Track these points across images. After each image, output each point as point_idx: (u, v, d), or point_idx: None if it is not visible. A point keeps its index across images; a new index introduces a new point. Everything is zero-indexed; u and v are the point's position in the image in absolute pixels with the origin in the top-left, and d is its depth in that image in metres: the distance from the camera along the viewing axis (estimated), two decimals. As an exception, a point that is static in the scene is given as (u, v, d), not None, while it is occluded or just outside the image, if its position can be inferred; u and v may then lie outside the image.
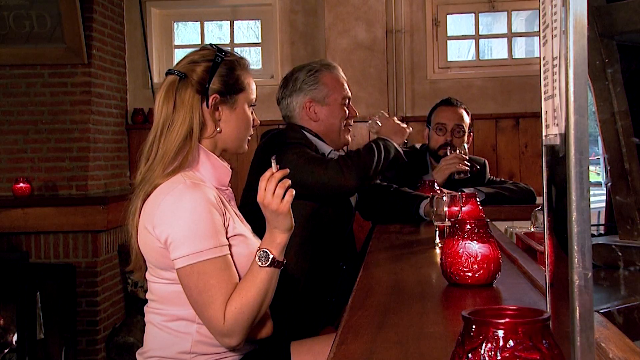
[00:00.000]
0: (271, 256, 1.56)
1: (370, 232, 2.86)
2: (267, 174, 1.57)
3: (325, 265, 2.39)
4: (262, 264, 1.56)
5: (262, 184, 1.56)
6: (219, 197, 1.62)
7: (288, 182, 1.56)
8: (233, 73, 1.72)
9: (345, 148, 2.56)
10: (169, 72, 1.71)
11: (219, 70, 1.69)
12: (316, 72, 2.44)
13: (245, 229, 1.71)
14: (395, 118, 2.63)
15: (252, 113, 1.79)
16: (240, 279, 1.60)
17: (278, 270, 1.59)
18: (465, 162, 2.99)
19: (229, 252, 1.58)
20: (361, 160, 2.29)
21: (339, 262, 2.45)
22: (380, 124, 2.55)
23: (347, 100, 2.49)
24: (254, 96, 1.79)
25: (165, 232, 1.55)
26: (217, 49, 1.72)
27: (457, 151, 3.00)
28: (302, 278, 2.30)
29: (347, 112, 2.49)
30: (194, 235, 1.53)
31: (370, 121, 2.56)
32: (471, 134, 3.28)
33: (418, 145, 3.35)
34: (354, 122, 2.62)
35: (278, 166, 1.58)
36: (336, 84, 2.46)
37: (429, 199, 2.61)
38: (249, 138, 1.80)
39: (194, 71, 1.68)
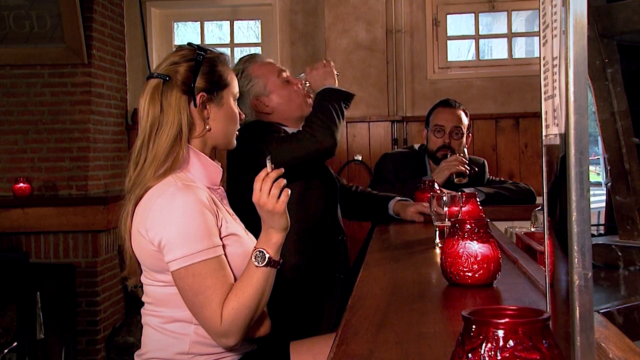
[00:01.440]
0: (267, 256, 1.56)
1: (370, 232, 2.86)
2: (262, 174, 1.56)
3: (324, 243, 2.41)
4: (258, 263, 1.56)
5: (257, 184, 1.56)
6: (210, 198, 1.62)
7: (283, 181, 1.56)
8: (216, 70, 1.71)
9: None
10: (150, 77, 1.69)
11: (201, 69, 1.68)
12: (243, 72, 2.44)
13: (238, 227, 1.70)
14: (309, 68, 2.53)
15: (237, 107, 1.79)
16: (235, 278, 1.60)
17: (274, 269, 1.59)
18: (465, 164, 2.99)
19: (223, 252, 1.58)
20: (323, 119, 2.31)
21: (337, 236, 2.47)
22: (309, 83, 2.49)
23: (285, 74, 2.49)
24: (237, 90, 1.78)
25: (158, 235, 1.55)
26: (197, 48, 1.72)
27: (457, 154, 2.99)
28: (305, 260, 2.32)
29: (292, 83, 2.48)
30: (187, 237, 1.53)
31: (308, 89, 2.50)
32: (470, 134, 3.27)
33: (417, 146, 3.34)
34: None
35: (272, 166, 1.58)
36: (266, 69, 2.46)
37: (396, 198, 2.66)
38: (237, 133, 1.80)
39: (177, 72, 1.67)
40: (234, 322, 1.53)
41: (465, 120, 3.18)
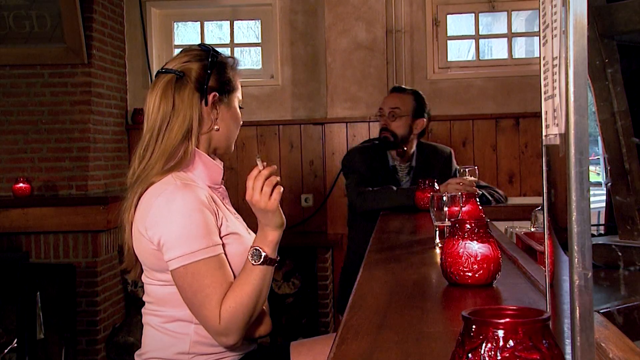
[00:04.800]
0: (263, 254, 1.56)
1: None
2: (254, 172, 1.56)
3: None
4: (254, 262, 1.56)
5: (249, 182, 1.56)
6: (210, 197, 1.62)
7: (276, 179, 1.56)
8: (227, 72, 1.73)
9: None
10: (162, 72, 1.70)
11: (215, 69, 1.70)
12: None
13: (240, 226, 1.71)
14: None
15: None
16: (235, 277, 1.60)
17: (272, 267, 1.59)
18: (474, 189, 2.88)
19: (222, 251, 1.59)
20: None
21: None
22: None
23: None
24: (241, 96, 1.80)
25: (157, 234, 1.55)
26: (211, 49, 1.73)
27: (468, 175, 2.83)
28: None
29: None
30: (187, 236, 1.53)
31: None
32: (424, 119, 3.17)
33: (376, 140, 3.31)
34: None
35: (265, 163, 1.58)
36: None
37: None
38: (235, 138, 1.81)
39: (192, 70, 1.68)
40: (232, 320, 1.53)
41: (409, 104, 3.15)
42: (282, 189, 1.56)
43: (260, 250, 1.56)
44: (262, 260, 1.56)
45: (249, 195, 1.55)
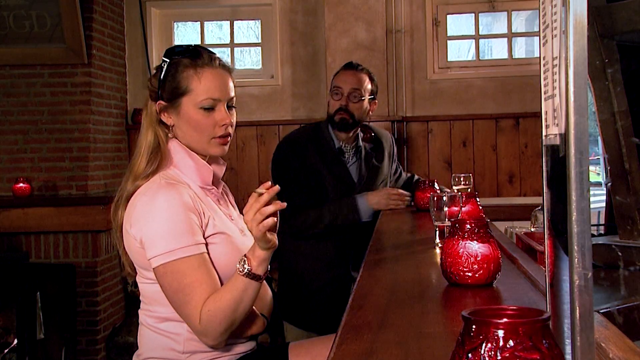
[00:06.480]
0: (247, 267, 1.52)
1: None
2: (260, 190, 1.50)
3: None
4: (239, 271, 1.53)
5: (250, 199, 1.50)
6: (196, 196, 1.62)
7: (272, 209, 1.47)
8: (174, 77, 1.67)
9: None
10: None
11: (164, 76, 1.69)
12: None
13: (233, 227, 1.70)
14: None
15: (211, 113, 1.67)
16: (219, 276, 1.59)
17: (255, 283, 1.54)
18: (405, 199, 2.86)
19: (205, 250, 1.58)
20: None
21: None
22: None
23: None
24: (207, 96, 1.66)
25: (140, 232, 1.57)
26: (164, 54, 1.71)
27: (463, 182, 2.60)
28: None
29: None
30: (167, 233, 1.54)
31: None
32: (376, 101, 2.98)
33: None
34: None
35: (268, 187, 1.50)
36: None
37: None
38: (229, 139, 1.71)
39: (150, 80, 1.74)
40: (209, 323, 1.53)
41: (367, 85, 2.91)
42: (275, 220, 1.49)
43: (246, 261, 1.53)
44: (244, 272, 1.52)
45: (245, 210, 1.50)
